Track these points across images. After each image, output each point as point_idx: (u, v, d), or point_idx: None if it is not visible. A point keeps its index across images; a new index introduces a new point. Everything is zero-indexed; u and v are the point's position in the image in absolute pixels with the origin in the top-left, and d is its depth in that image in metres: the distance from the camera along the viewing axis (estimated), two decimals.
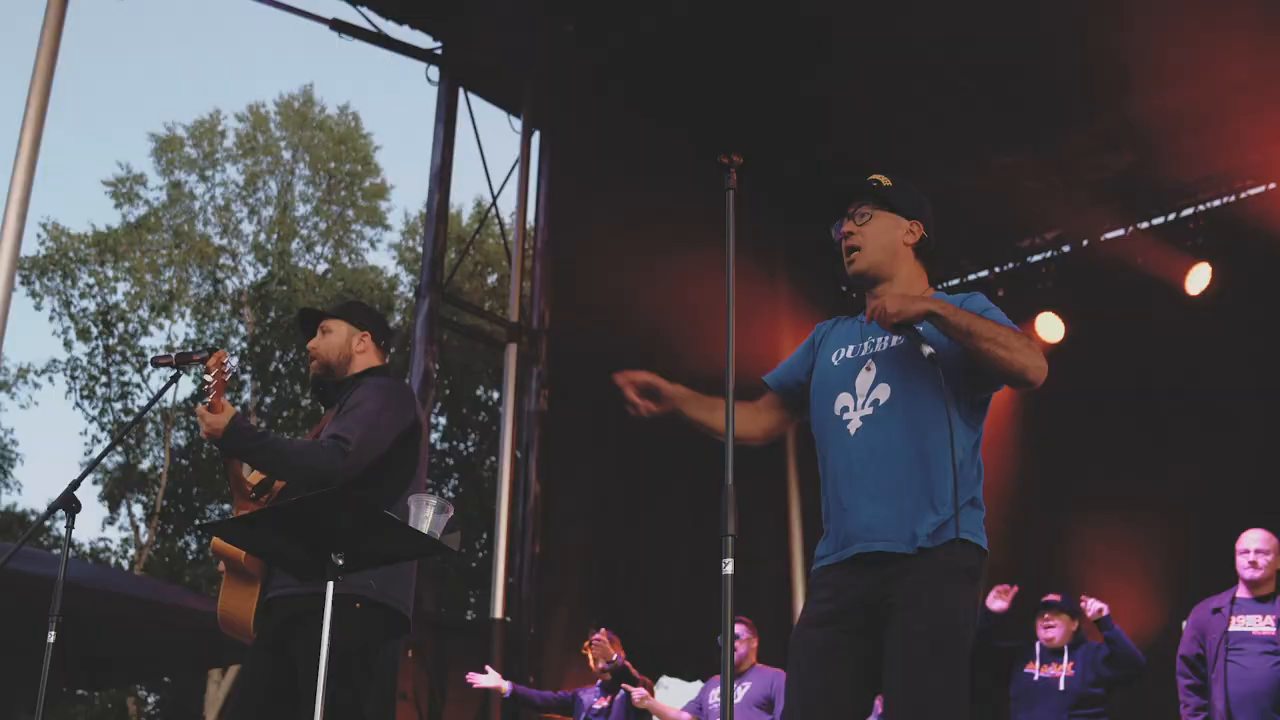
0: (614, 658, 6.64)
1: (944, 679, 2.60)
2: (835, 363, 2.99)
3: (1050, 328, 9.34)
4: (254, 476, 3.61)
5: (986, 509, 2.85)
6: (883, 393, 2.85)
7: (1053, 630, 6.21)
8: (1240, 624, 5.40)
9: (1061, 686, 6.05)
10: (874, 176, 3.04)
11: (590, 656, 6.91)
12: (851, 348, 2.98)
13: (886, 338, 2.89)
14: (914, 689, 2.60)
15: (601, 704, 7.00)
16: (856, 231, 2.98)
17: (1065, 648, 6.18)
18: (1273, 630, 5.30)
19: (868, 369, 2.90)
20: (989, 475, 2.93)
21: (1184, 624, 5.77)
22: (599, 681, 7.10)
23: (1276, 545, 5.48)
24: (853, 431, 2.85)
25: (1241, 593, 5.51)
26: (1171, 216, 9.26)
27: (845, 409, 2.89)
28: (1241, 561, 5.49)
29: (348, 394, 3.60)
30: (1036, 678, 6.15)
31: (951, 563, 2.67)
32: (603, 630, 6.90)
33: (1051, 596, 6.31)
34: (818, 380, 3.01)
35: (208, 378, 3.26)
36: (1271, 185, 8.81)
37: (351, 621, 3.18)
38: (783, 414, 3.12)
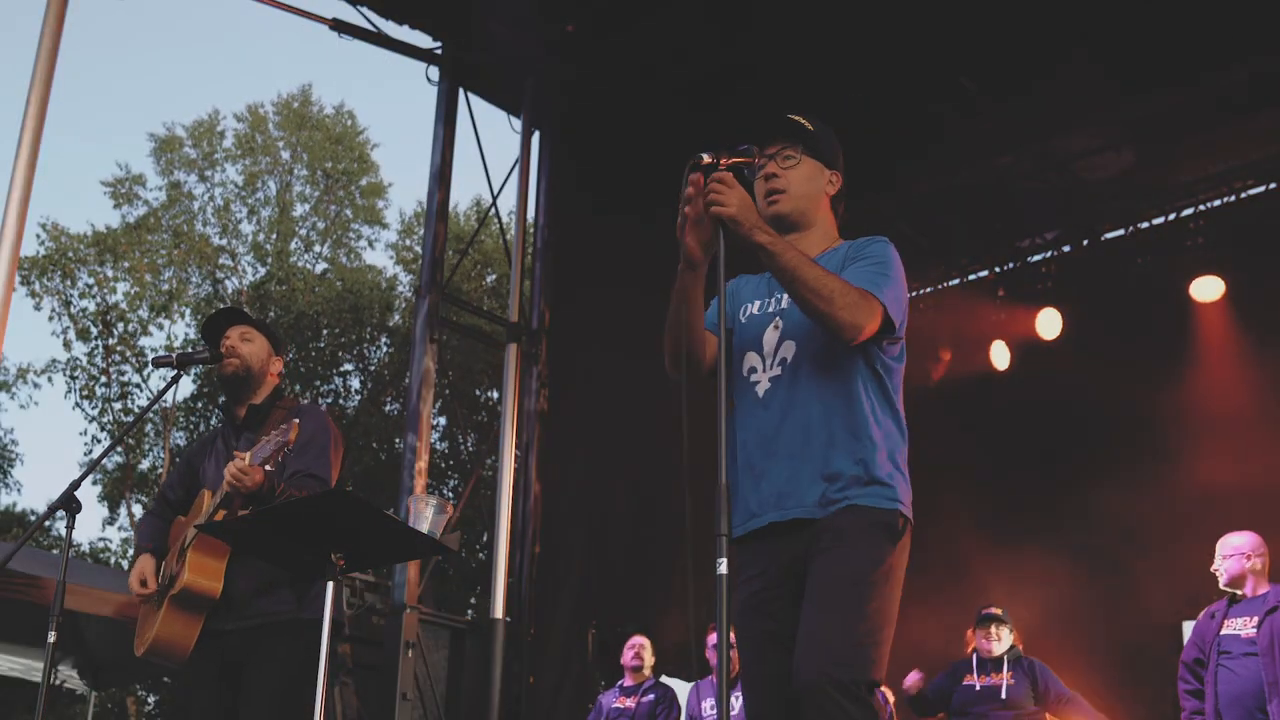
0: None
1: (870, 613, 2.44)
2: (743, 319, 2.82)
3: (1048, 324, 9.32)
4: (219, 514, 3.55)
5: (971, 497, 2.77)
6: (789, 350, 2.69)
7: (996, 642, 6.46)
8: (1230, 628, 5.49)
9: (1004, 695, 6.29)
10: (794, 117, 2.86)
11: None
12: (759, 303, 2.82)
13: None
14: (831, 625, 2.44)
15: (621, 704, 7.03)
16: (781, 174, 2.81)
17: (1004, 658, 6.42)
18: (1254, 632, 5.36)
19: (775, 326, 2.73)
20: (989, 475, 2.91)
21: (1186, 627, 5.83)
22: (619, 683, 7.14)
23: (1246, 547, 5.54)
24: (760, 394, 2.69)
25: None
26: (1172, 216, 9.25)
27: (753, 369, 2.73)
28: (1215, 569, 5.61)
29: (295, 424, 3.53)
30: (979, 687, 6.38)
31: (872, 519, 2.53)
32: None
33: (993, 609, 6.49)
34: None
35: (270, 445, 3.31)
36: (1272, 185, 8.80)
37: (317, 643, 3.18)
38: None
